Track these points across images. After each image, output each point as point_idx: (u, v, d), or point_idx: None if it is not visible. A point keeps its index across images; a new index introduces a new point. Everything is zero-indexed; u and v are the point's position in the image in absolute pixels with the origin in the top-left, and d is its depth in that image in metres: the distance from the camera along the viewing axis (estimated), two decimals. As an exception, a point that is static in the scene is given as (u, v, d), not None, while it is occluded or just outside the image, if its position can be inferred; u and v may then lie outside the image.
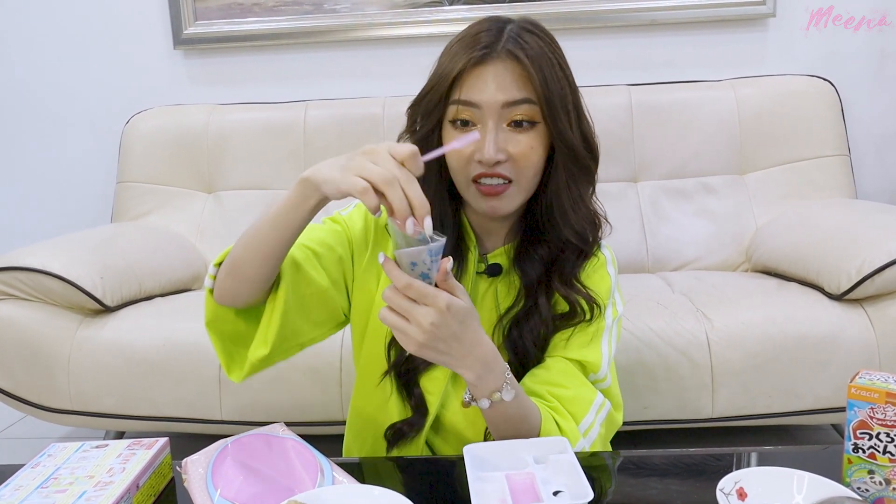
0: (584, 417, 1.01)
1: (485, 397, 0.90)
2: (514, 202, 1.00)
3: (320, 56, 2.59)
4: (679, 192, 2.33)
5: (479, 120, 0.96)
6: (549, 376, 1.02)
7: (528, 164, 0.97)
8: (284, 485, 0.87)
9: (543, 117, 0.96)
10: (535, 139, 0.96)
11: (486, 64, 0.94)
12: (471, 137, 0.87)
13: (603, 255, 1.10)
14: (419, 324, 0.80)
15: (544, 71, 0.94)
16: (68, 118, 2.70)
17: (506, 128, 0.96)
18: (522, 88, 0.94)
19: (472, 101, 0.95)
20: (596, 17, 2.46)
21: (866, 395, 0.81)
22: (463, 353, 0.85)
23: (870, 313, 1.73)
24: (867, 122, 2.50)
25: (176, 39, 2.58)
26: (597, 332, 1.06)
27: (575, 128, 0.98)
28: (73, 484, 0.85)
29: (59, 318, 1.84)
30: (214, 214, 2.42)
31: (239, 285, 0.95)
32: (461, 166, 0.98)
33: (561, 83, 0.96)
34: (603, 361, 1.05)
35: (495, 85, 0.94)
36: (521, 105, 0.95)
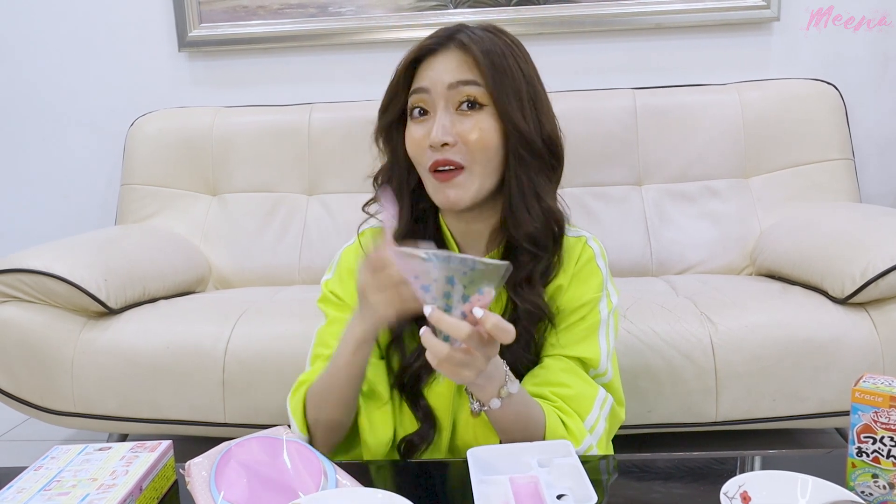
0: (589, 414, 1.01)
1: (493, 397, 0.91)
2: (470, 190, 0.98)
3: (325, 59, 2.59)
4: (683, 195, 2.32)
5: (430, 106, 0.98)
6: (550, 376, 1.02)
7: (479, 147, 0.96)
8: (288, 488, 0.87)
9: (490, 97, 0.96)
10: (484, 121, 0.97)
11: (435, 55, 0.98)
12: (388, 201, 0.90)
13: (591, 249, 1.10)
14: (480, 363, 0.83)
15: (492, 58, 0.96)
16: (72, 120, 2.70)
17: (455, 111, 0.97)
18: (468, 71, 0.96)
19: (421, 86, 0.98)
20: (601, 21, 2.46)
21: (870, 399, 0.81)
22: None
23: (874, 317, 1.73)
24: (871, 125, 2.49)
25: (181, 42, 2.59)
26: (592, 326, 1.06)
27: (529, 116, 0.98)
28: (76, 487, 0.85)
29: (63, 321, 1.84)
30: (219, 217, 2.42)
31: (340, 434, 1.05)
32: (419, 158, 1.00)
33: (513, 72, 0.97)
34: (602, 355, 1.05)
35: (442, 69, 0.97)
36: (467, 86, 0.96)
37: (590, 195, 2.34)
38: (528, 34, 2.48)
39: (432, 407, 1.06)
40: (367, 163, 2.40)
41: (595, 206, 2.32)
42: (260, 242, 2.37)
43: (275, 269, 2.35)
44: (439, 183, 0.98)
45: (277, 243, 2.37)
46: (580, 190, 2.34)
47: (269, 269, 2.35)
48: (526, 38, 2.53)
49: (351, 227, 2.29)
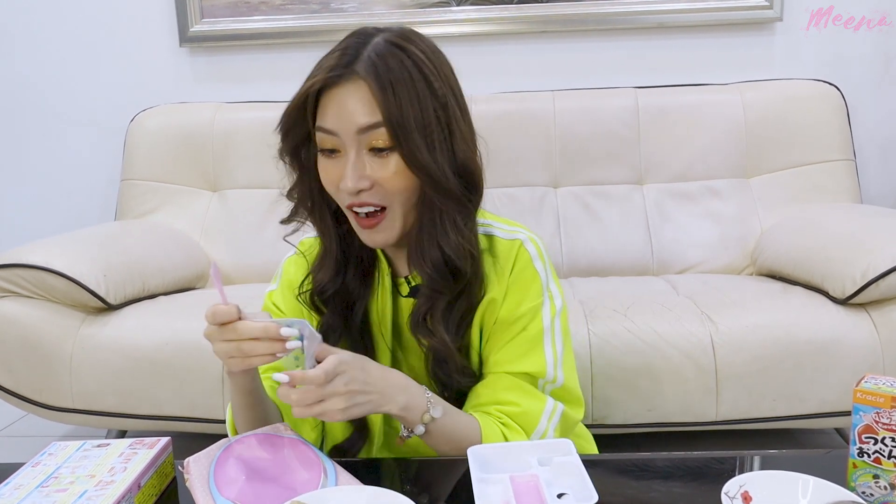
0: (536, 427, 1.00)
1: (418, 423, 0.93)
2: (394, 231, 0.96)
3: (326, 56, 2.58)
4: (684, 194, 2.32)
5: (341, 147, 0.92)
6: (495, 395, 1.00)
7: (395, 189, 0.92)
8: (287, 485, 0.87)
9: (393, 141, 0.90)
10: (400, 163, 0.91)
11: (339, 86, 0.90)
12: (216, 275, 0.87)
13: (527, 252, 1.03)
14: (336, 393, 0.83)
15: (397, 92, 0.89)
16: (73, 115, 2.70)
17: (367, 153, 0.91)
18: (375, 112, 0.89)
19: (328, 128, 0.91)
20: (604, 20, 2.46)
21: (872, 400, 0.81)
22: (381, 392, 0.89)
23: (874, 318, 1.72)
24: (872, 125, 2.49)
25: (182, 37, 2.58)
26: (536, 337, 1.01)
27: (440, 152, 0.92)
28: (74, 483, 0.84)
29: (62, 316, 1.84)
30: (219, 213, 2.42)
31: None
32: (335, 195, 0.96)
33: (422, 102, 0.90)
34: (548, 365, 1.01)
35: (349, 110, 0.90)
36: (375, 130, 0.90)
37: (591, 194, 2.34)
38: (531, 32, 2.48)
39: (367, 417, 1.07)
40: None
41: (596, 205, 2.32)
42: (260, 239, 2.37)
43: (274, 265, 2.29)
44: (362, 228, 0.96)
45: (277, 240, 2.32)
46: (581, 189, 2.34)
47: (268, 265, 2.32)
48: (528, 37, 2.55)
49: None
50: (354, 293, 1.04)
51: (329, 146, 0.93)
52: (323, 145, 0.93)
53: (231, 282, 2.33)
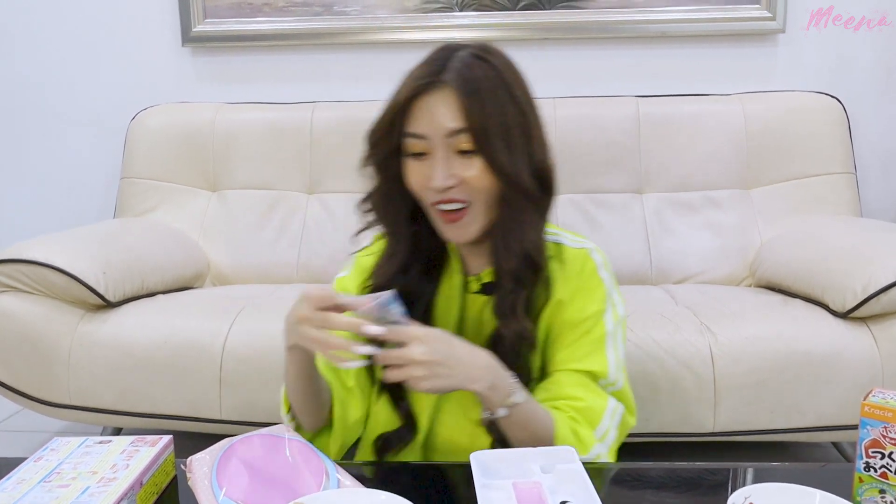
0: (600, 424, 1.03)
1: (501, 406, 0.94)
2: (476, 226, 1.02)
3: (329, 58, 2.58)
4: (684, 204, 2.32)
5: (429, 150, 0.98)
6: (561, 390, 1.04)
7: (480, 187, 0.99)
8: (289, 487, 0.87)
9: (477, 146, 0.97)
10: (483, 164, 0.98)
11: (429, 94, 0.97)
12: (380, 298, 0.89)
13: (592, 261, 1.11)
14: (414, 360, 0.87)
15: (483, 99, 0.96)
16: (73, 114, 2.69)
17: (455, 155, 0.98)
18: (461, 118, 0.96)
19: (419, 133, 0.98)
20: (606, 28, 2.46)
21: (879, 414, 0.81)
22: (466, 368, 0.91)
23: (874, 332, 1.72)
24: (874, 139, 2.50)
25: (184, 37, 2.58)
26: (598, 339, 1.07)
27: (519, 156, 0.99)
28: (77, 479, 0.84)
29: (61, 312, 1.83)
30: (218, 213, 2.41)
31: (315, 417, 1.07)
32: (420, 193, 1.02)
33: (503, 110, 0.98)
34: (610, 367, 1.06)
35: (438, 114, 0.97)
36: (462, 134, 0.97)
37: (591, 202, 2.34)
38: (533, 39, 2.48)
39: (413, 410, 1.09)
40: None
41: (596, 213, 2.32)
42: (259, 240, 2.36)
43: (273, 266, 2.34)
44: (445, 223, 1.02)
45: (276, 241, 2.36)
46: (581, 196, 2.33)
47: (267, 266, 2.34)
48: (531, 43, 2.55)
49: (350, 226, 2.28)
50: (417, 291, 1.08)
51: (418, 150, 0.99)
52: (412, 149, 1.00)
53: (229, 282, 2.32)
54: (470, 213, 1.00)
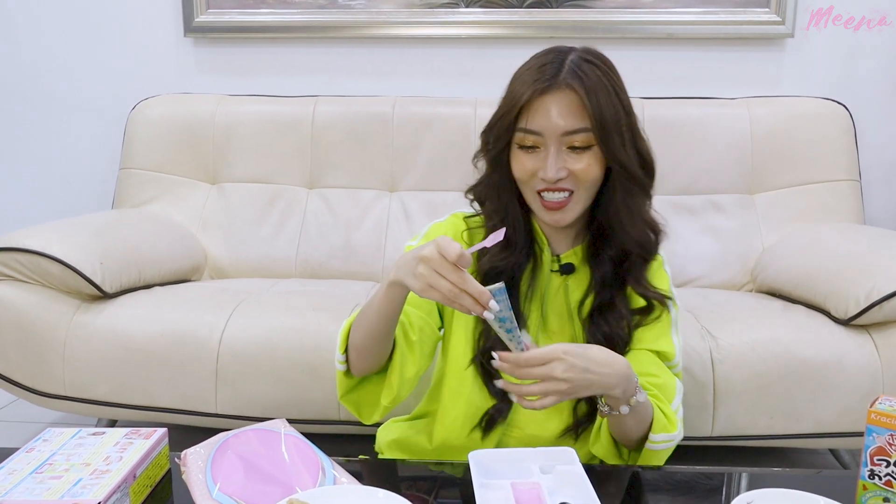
0: (674, 400, 1.12)
1: (624, 405, 1.01)
2: (575, 212, 1.11)
3: (332, 52, 2.57)
4: (687, 208, 2.31)
5: (542, 144, 1.08)
6: (642, 367, 1.12)
7: (587, 179, 1.08)
8: (285, 482, 0.86)
9: (598, 142, 1.06)
10: (591, 158, 1.08)
11: (547, 94, 1.06)
12: (499, 236, 0.93)
13: (660, 257, 1.23)
14: (555, 378, 0.93)
15: (600, 100, 1.05)
16: (74, 102, 2.67)
17: (565, 150, 1.08)
18: (579, 118, 1.05)
19: (535, 129, 1.07)
20: (613, 28, 2.45)
21: (886, 422, 0.80)
22: (603, 376, 0.96)
23: (876, 340, 1.71)
24: (879, 147, 2.49)
25: (187, 27, 2.56)
26: (666, 324, 1.17)
27: (629, 148, 1.09)
28: (69, 471, 0.83)
29: (57, 303, 1.81)
30: (217, 206, 2.39)
31: (371, 362, 1.09)
32: (526, 180, 1.11)
33: (616, 109, 1.07)
34: (676, 350, 1.17)
35: (556, 114, 1.06)
36: (579, 134, 1.06)
37: (593, 203, 2.32)
38: (539, 37, 2.46)
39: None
40: (369, 158, 2.39)
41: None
42: (258, 234, 2.35)
43: (272, 261, 2.32)
44: (548, 209, 1.11)
45: (275, 235, 2.35)
46: (584, 197, 2.32)
47: (265, 260, 2.32)
48: (536, 42, 2.53)
49: (350, 222, 2.30)
50: (517, 269, 1.17)
51: (529, 143, 1.08)
52: (524, 143, 1.09)
53: (227, 276, 2.31)
54: (573, 200, 1.10)
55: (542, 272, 1.19)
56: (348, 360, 1.10)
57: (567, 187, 1.09)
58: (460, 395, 1.16)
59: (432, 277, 0.90)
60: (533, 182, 1.10)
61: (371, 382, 1.14)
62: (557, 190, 1.09)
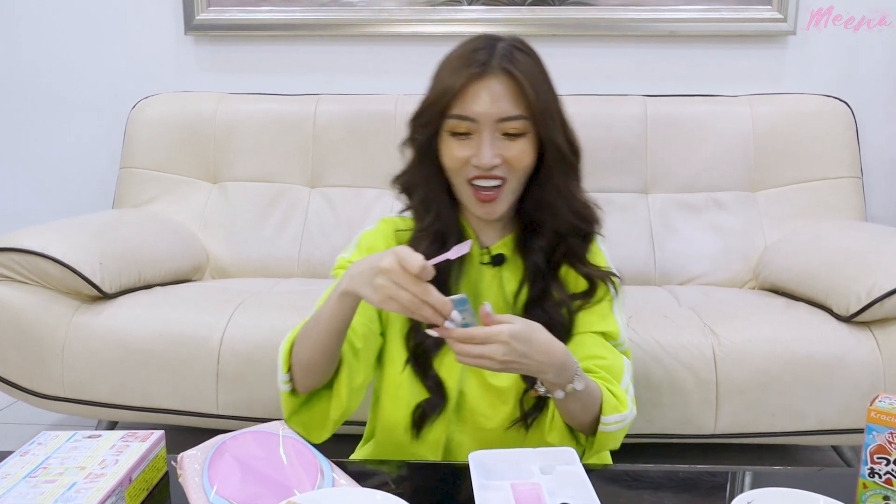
0: (623, 378, 1.10)
1: (559, 390, 0.99)
2: (506, 203, 1.11)
3: (334, 49, 2.56)
4: (689, 206, 2.30)
5: (475, 131, 1.06)
6: (587, 350, 1.11)
7: (520, 166, 1.08)
8: (283, 485, 0.85)
9: (535, 128, 1.07)
10: (525, 145, 1.07)
11: (482, 80, 1.05)
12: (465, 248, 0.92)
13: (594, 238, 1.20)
14: (493, 359, 0.91)
15: (535, 85, 1.06)
16: (74, 100, 2.67)
17: (499, 136, 1.07)
18: (515, 104, 1.05)
19: (469, 116, 1.05)
20: (615, 26, 2.44)
21: (886, 420, 0.80)
22: (538, 364, 0.94)
23: (877, 336, 1.71)
24: (881, 144, 2.48)
25: (187, 25, 2.56)
26: (608, 305, 1.16)
27: (560, 133, 1.09)
28: (63, 475, 0.82)
29: (56, 303, 1.81)
30: (219, 205, 2.39)
31: (319, 377, 1.07)
32: (458, 168, 1.09)
33: (549, 96, 1.08)
34: (621, 329, 1.16)
35: (491, 100, 1.05)
36: (515, 120, 1.06)
37: (595, 201, 2.31)
38: (542, 35, 2.46)
39: (441, 378, 1.13)
40: (371, 157, 2.39)
41: (600, 213, 2.29)
42: (259, 233, 2.34)
43: (274, 260, 2.32)
44: (480, 201, 1.09)
45: (277, 235, 2.34)
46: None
47: (267, 260, 2.32)
48: (539, 40, 2.52)
49: (353, 221, 2.29)
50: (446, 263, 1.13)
51: (463, 130, 1.07)
52: (456, 130, 1.07)
53: (229, 276, 2.31)
54: (505, 190, 1.09)
55: (472, 266, 1.17)
56: (293, 378, 1.07)
57: (500, 175, 1.07)
58: (399, 400, 1.13)
59: (392, 289, 0.88)
60: (465, 170, 1.08)
61: (318, 398, 1.11)
62: (490, 177, 1.07)
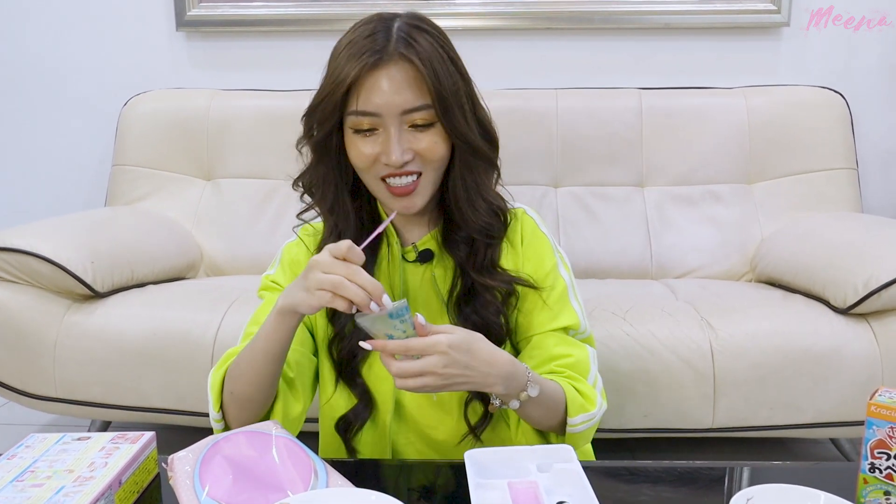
0: (589, 373, 1.05)
1: (513, 399, 0.94)
2: (425, 195, 1.02)
3: (328, 44, 2.51)
4: (685, 198, 2.29)
5: (379, 125, 0.97)
6: (549, 352, 1.05)
7: (434, 158, 0.99)
8: (276, 486, 0.84)
9: (440, 119, 0.98)
10: (436, 135, 0.99)
11: (379, 69, 0.95)
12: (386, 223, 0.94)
13: (530, 218, 1.13)
14: (434, 373, 0.85)
15: (437, 71, 0.96)
16: (64, 97, 2.64)
17: (407, 129, 0.98)
18: (418, 94, 0.96)
19: (370, 111, 0.96)
20: (610, 18, 2.42)
21: (886, 414, 0.79)
22: (483, 375, 0.89)
23: (875, 328, 1.71)
24: (877, 136, 2.48)
25: (179, 21, 2.53)
26: (562, 293, 1.09)
27: (471, 120, 1.01)
28: (51, 478, 0.81)
29: (47, 303, 1.79)
30: (212, 202, 2.37)
31: (256, 411, 1.00)
32: (367, 167, 1.00)
33: (454, 79, 0.98)
34: (580, 317, 1.09)
35: (392, 91, 0.95)
36: (420, 111, 0.97)
37: (591, 195, 2.31)
38: (537, 28, 2.45)
39: (371, 387, 1.09)
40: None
41: (596, 207, 2.29)
42: (254, 230, 2.33)
43: (268, 257, 2.25)
44: (395, 197, 1.01)
45: (271, 232, 2.33)
46: (581, 189, 2.31)
47: (262, 257, 2.30)
48: (533, 33, 2.52)
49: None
50: (371, 266, 1.08)
51: (365, 126, 0.97)
52: (359, 126, 0.98)
53: (223, 273, 2.29)
54: (422, 183, 1.01)
55: (394, 265, 1.10)
56: (224, 416, 1.01)
57: (414, 170, 0.99)
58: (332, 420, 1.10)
59: (322, 278, 0.85)
60: (375, 168, 0.99)
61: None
62: (404, 174, 0.99)
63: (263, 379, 0.96)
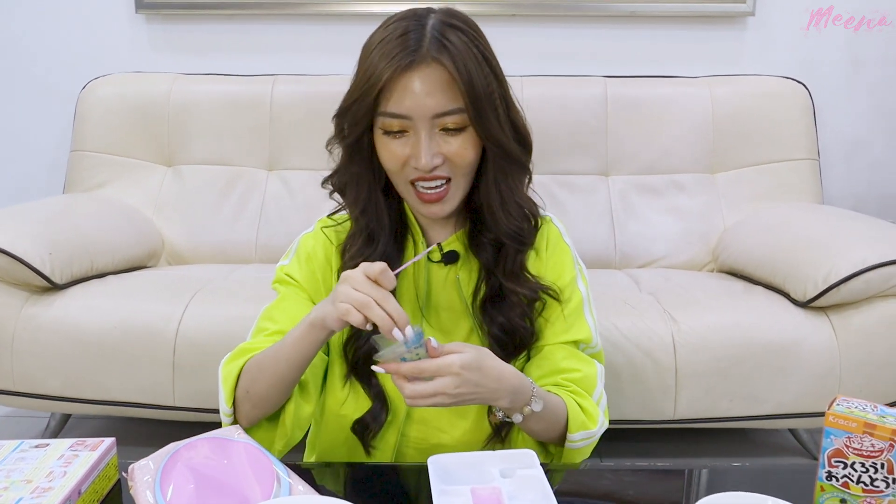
0: (595, 390, 1.06)
1: (517, 412, 0.95)
2: (455, 201, 1.02)
3: (292, 28, 2.50)
4: (650, 188, 2.31)
5: (410, 128, 0.96)
6: (556, 365, 1.06)
7: (464, 163, 0.98)
8: (239, 493, 0.83)
9: (473, 123, 0.96)
10: (467, 140, 0.98)
11: (412, 71, 0.93)
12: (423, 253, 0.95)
13: (556, 228, 1.13)
14: (446, 394, 0.86)
15: (471, 74, 0.94)
16: (21, 81, 2.58)
17: (438, 132, 0.97)
18: (451, 97, 0.94)
19: (402, 113, 0.95)
20: (576, 6, 2.42)
21: (843, 424, 0.80)
22: (491, 391, 0.90)
23: (834, 322, 1.74)
24: (838, 127, 2.51)
25: (138, 3, 2.47)
26: (578, 306, 1.09)
27: (504, 124, 0.99)
28: (8, 489, 0.79)
29: (4, 295, 1.76)
30: (173, 189, 2.33)
31: (269, 410, 1.01)
32: (397, 170, 0.99)
33: (488, 80, 0.96)
34: (592, 332, 1.09)
35: (424, 94, 0.94)
36: (452, 115, 0.95)
37: (556, 183, 2.31)
38: (502, 15, 2.43)
39: (385, 388, 1.07)
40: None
41: (560, 195, 2.30)
42: (216, 217, 2.30)
43: (231, 245, 2.28)
44: (425, 202, 1.00)
45: (234, 219, 2.30)
46: (546, 178, 2.30)
47: (224, 245, 2.27)
48: (498, 20, 2.49)
49: (311, 204, 2.26)
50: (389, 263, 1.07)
51: (396, 128, 0.96)
52: (390, 128, 0.97)
53: (185, 261, 2.26)
54: (452, 188, 1.00)
55: (419, 265, 1.09)
56: (236, 411, 1.01)
57: (443, 175, 0.98)
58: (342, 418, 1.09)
59: (350, 293, 0.85)
60: (405, 171, 0.99)
61: (261, 427, 1.03)
62: (433, 178, 0.98)
63: (283, 383, 0.97)
